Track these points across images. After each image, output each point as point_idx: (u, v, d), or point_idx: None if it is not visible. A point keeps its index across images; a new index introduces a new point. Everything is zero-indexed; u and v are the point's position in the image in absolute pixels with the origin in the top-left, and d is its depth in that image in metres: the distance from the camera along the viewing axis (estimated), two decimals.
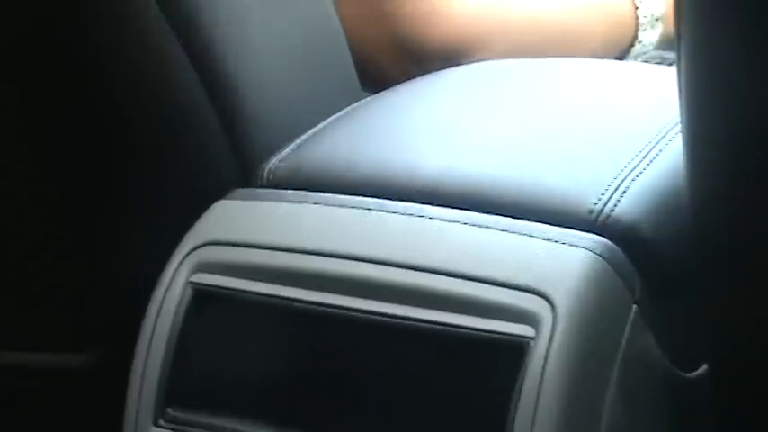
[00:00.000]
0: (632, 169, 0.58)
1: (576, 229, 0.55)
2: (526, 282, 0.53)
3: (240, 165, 0.64)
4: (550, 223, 0.55)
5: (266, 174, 0.62)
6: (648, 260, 0.55)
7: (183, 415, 0.58)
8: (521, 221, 0.56)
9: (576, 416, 0.52)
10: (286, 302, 0.56)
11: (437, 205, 0.57)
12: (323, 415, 0.56)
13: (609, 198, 0.56)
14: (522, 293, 0.53)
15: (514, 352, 0.52)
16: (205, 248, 0.59)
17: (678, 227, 0.56)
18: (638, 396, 0.55)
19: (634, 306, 0.54)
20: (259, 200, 0.61)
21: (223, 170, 0.64)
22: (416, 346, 0.55)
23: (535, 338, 0.52)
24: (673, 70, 0.54)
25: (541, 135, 0.63)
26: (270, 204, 0.60)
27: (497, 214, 0.56)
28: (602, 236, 0.54)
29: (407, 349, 0.55)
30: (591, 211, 0.55)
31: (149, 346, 0.58)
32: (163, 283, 0.59)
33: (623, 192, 0.57)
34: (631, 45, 0.85)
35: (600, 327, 0.53)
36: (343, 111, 0.67)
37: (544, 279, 0.53)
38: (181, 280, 0.59)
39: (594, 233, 0.55)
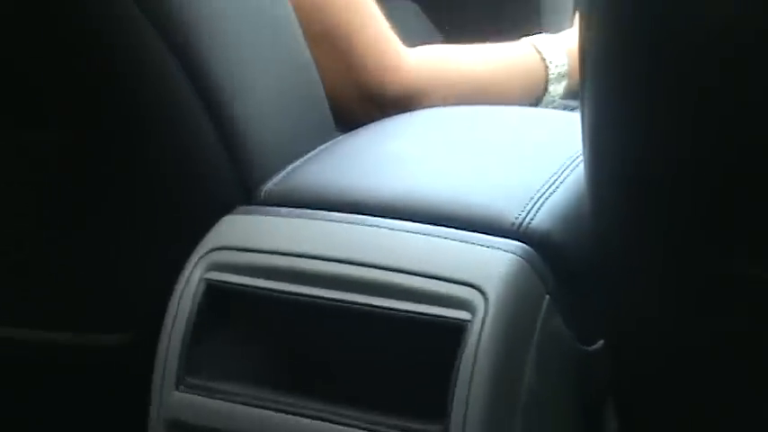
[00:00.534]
0: (545, 190, 0.58)
1: (502, 237, 0.55)
2: (464, 277, 0.53)
3: (242, 187, 0.63)
4: (483, 232, 0.55)
5: (263, 194, 0.62)
6: (558, 260, 0.55)
7: (199, 382, 0.57)
8: (460, 231, 0.56)
9: (503, 380, 0.52)
10: (280, 295, 0.56)
11: (395, 219, 0.57)
12: (311, 379, 0.56)
13: (527, 212, 0.56)
14: (461, 286, 0.53)
15: (456, 331, 0.52)
16: (216, 252, 0.58)
17: (581, 233, 0.56)
18: (550, 365, 0.54)
19: (547, 296, 0.54)
20: (258, 215, 0.60)
21: (228, 192, 0.63)
22: (382, 328, 0.54)
23: (471, 321, 0.52)
24: (574, 114, 0.55)
25: (475, 164, 0.63)
26: (267, 218, 0.60)
27: (442, 225, 0.56)
28: (522, 242, 0.55)
29: (375, 330, 0.55)
30: (513, 223, 0.55)
31: (172, 328, 0.58)
32: (182, 280, 0.58)
33: (538, 208, 0.57)
34: (543, 95, 0.84)
35: (521, 312, 0.53)
36: (323, 145, 0.67)
37: (478, 275, 0.53)
38: (196, 277, 0.58)
39: (516, 240, 0.55)
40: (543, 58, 0.84)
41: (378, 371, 0.55)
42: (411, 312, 0.53)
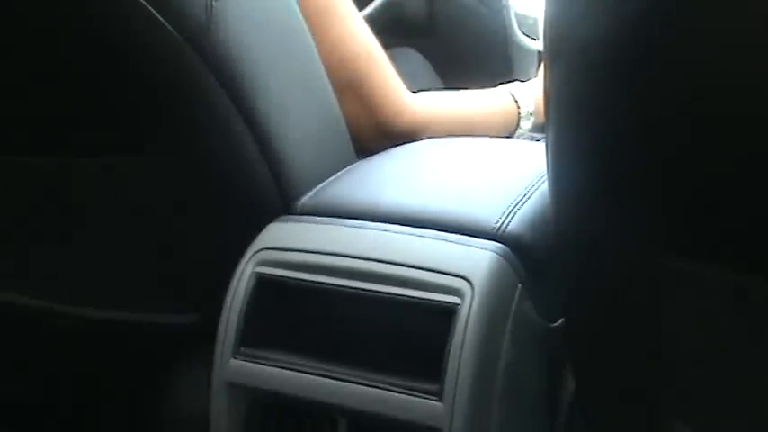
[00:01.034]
0: (518, 202, 0.58)
1: (485, 239, 0.55)
2: (455, 270, 0.53)
3: (283, 201, 0.62)
4: (469, 235, 0.55)
5: (299, 207, 0.62)
6: (528, 256, 0.55)
7: (252, 351, 0.57)
8: (451, 234, 0.56)
9: (486, 351, 0.52)
10: (314, 284, 0.56)
11: (401, 224, 0.57)
12: (337, 349, 0.56)
13: (504, 219, 0.56)
14: (453, 277, 0.53)
15: (448, 313, 0.52)
16: (264, 252, 0.58)
17: (546, 235, 0.56)
18: (522, 338, 0.54)
19: (519, 285, 0.54)
20: (296, 222, 0.60)
21: (272, 205, 0.62)
22: (392, 311, 0.54)
23: (460, 305, 0.52)
24: (540, 144, 0.54)
25: (463, 181, 0.63)
26: (302, 225, 0.60)
27: (437, 230, 0.56)
28: (500, 242, 0.55)
29: (387, 312, 0.54)
30: (493, 228, 0.56)
31: (230, 310, 0.58)
32: (237, 273, 0.58)
33: (513, 215, 0.57)
34: (515, 129, 0.84)
35: (499, 298, 0.53)
36: (345, 168, 0.67)
37: (466, 268, 0.53)
38: (249, 271, 0.58)
39: (495, 241, 0.55)
40: (516, 101, 0.84)
41: (389, 344, 0.55)
42: (414, 297, 0.53)
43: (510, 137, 0.84)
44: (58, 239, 0.68)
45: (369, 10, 1.20)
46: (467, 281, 0.52)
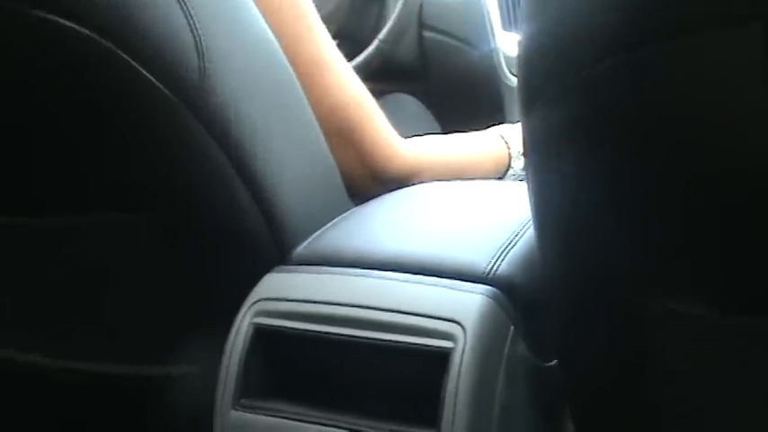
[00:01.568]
0: (508, 244, 0.58)
1: (476, 282, 0.55)
2: (447, 315, 0.53)
3: (279, 252, 0.62)
4: (461, 279, 0.55)
5: (295, 256, 0.62)
6: (519, 298, 0.55)
7: (251, 402, 0.57)
8: (443, 279, 0.56)
9: (481, 394, 0.52)
10: (310, 333, 0.56)
11: (394, 271, 0.57)
12: (334, 397, 0.56)
13: (494, 263, 0.56)
14: (446, 322, 0.53)
15: (442, 358, 0.52)
16: (261, 302, 0.58)
17: (535, 275, 0.55)
18: (517, 380, 0.54)
19: (512, 326, 0.54)
20: (292, 272, 0.60)
21: (268, 256, 0.62)
22: (388, 357, 0.54)
23: (454, 349, 0.51)
24: None
25: (454, 225, 0.63)
26: (298, 275, 0.60)
27: (429, 275, 0.56)
28: (491, 286, 0.55)
29: (383, 359, 0.54)
30: (484, 271, 0.56)
31: (229, 361, 0.58)
32: (236, 324, 0.58)
33: (503, 258, 0.57)
34: (507, 170, 0.85)
35: (492, 340, 0.53)
36: (340, 216, 0.67)
37: (458, 313, 0.53)
38: (246, 322, 0.58)
39: (486, 284, 0.55)
40: (506, 142, 0.85)
41: (387, 390, 0.55)
42: (408, 343, 0.53)
43: (502, 178, 0.85)
44: (53, 295, 0.68)
45: (361, 58, 1.23)
46: (459, 325, 0.52)
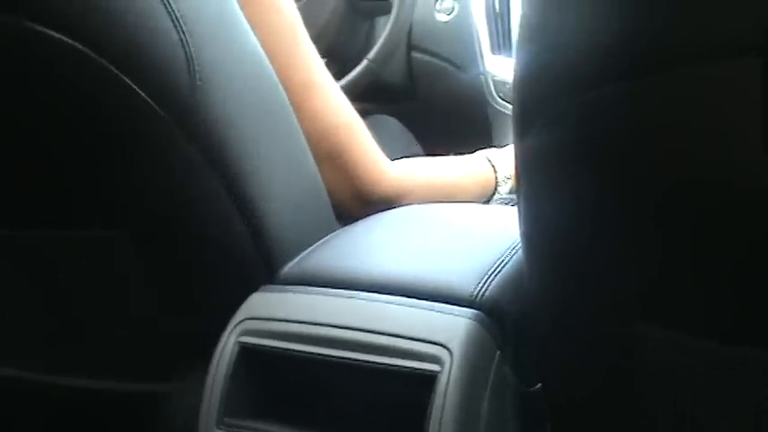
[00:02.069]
0: (495, 269, 0.58)
1: (463, 306, 0.55)
2: (434, 338, 0.53)
3: (265, 271, 0.63)
4: (448, 303, 0.55)
5: (282, 276, 0.62)
6: (505, 323, 0.55)
7: (235, 422, 0.57)
8: (431, 302, 0.56)
9: (466, 416, 0.52)
10: (296, 353, 0.56)
11: (382, 293, 0.57)
12: (319, 417, 0.56)
13: (481, 287, 0.57)
14: (433, 345, 0.53)
15: (429, 381, 0.52)
16: (247, 321, 0.58)
17: (522, 300, 0.55)
18: (502, 403, 0.54)
19: (498, 351, 0.54)
20: (278, 292, 0.60)
21: (255, 275, 0.62)
22: (373, 379, 0.54)
23: (441, 372, 0.52)
24: (516, 209, 0.54)
25: (441, 249, 0.63)
26: (285, 295, 0.60)
27: (416, 298, 0.56)
28: (477, 310, 0.55)
29: (369, 380, 0.54)
30: (470, 295, 0.56)
31: (214, 380, 0.58)
32: (221, 343, 0.58)
33: (490, 283, 0.57)
34: (493, 194, 0.85)
35: (478, 364, 0.53)
36: (326, 237, 0.67)
37: (445, 336, 0.53)
38: (232, 341, 0.58)
39: (473, 308, 0.55)
40: (493, 166, 0.86)
41: (372, 411, 0.55)
42: (394, 366, 0.53)
43: (488, 201, 0.85)
44: (37, 310, 0.68)
45: (348, 79, 1.23)
46: (446, 348, 0.52)
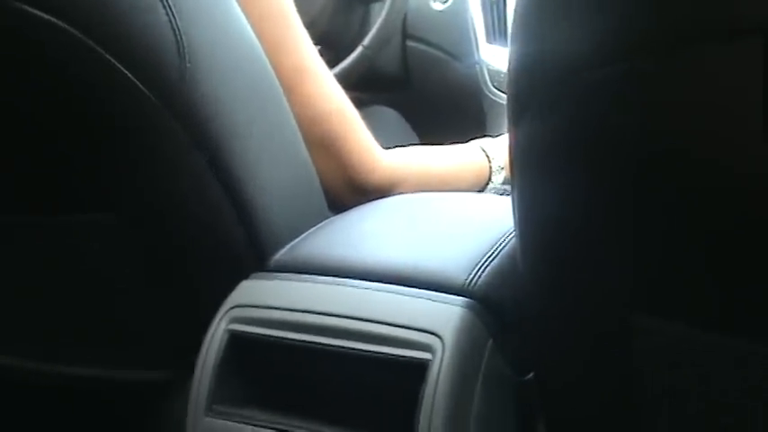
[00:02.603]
0: (488, 257, 0.58)
1: (455, 295, 0.55)
2: (426, 326, 0.53)
3: (256, 258, 0.62)
4: (440, 291, 0.55)
5: (272, 264, 0.62)
6: (498, 311, 0.55)
7: (224, 409, 0.57)
8: (423, 290, 0.56)
9: (458, 405, 0.52)
10: (287, 341, 0.56)
11: (374, 281, 0.57)
12: (309, 405, 0.56)
13: (474, 275, 0.57)
14: (424, 333, 0.53)
15: (420, 368, 0.52)
16: (237, 309, 0.58)
17: (515, 290, 0.56)
18: (493, 392, 0.54)
19: (490, 339, 0.54)
20: (268, 280, 0.60)
21: (245, 262, 0.62)
22: (367, 367, 0.54)
23: (432, 360, 0.52)
24: (510, 198, 0.54)
25: (434, 237, 0.63)
26: (275, 282, 0.60)
27: (409, 286, 0.56)
28: (470, 298, 0.55)
29: (360, 368, 0.54)
30: (463, 284, 0.56)
31: (203, 367, 0.58)
32: (211, 330, 0.58)
33: (483, 271, 0.57)
34: (487, 184, 0.85)
35: (470, 353, 0.53)
36: (318, 224, 0.67)
37: (437, 325, 0.53)
38: (222, 328, 0.58)
39: (466, 297, 0.55)
40: (487, 156, 0.86)
41: (362, 399, 0.55)
42: (386, 354, 0.53)
43: (482, 191, 0.85)
44: (33, 298, 0.68)
45: (342, 66, 1.23)
46: (438, 337, 0.52)
